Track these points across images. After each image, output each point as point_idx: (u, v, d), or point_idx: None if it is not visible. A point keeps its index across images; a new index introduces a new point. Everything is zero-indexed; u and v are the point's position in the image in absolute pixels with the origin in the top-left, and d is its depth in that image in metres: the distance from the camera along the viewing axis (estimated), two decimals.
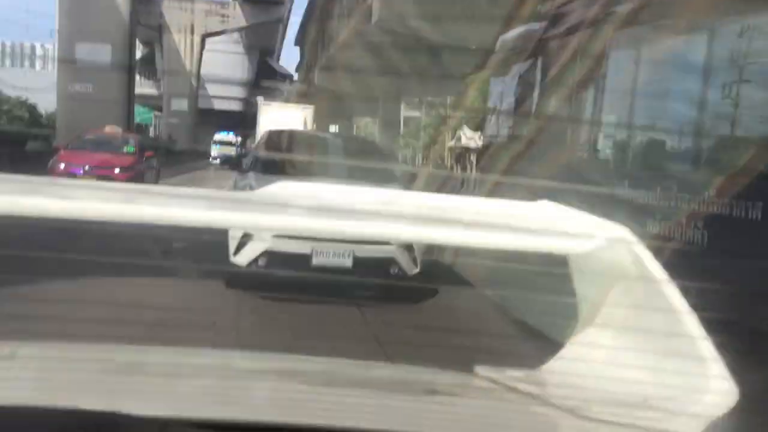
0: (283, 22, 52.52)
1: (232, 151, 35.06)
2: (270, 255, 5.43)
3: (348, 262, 5.50)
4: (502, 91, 11.30)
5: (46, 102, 57.57)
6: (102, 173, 11.86)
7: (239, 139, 45.45)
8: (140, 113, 48.20)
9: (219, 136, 41.26)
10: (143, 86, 51.41)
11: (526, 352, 3.30)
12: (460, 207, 1.41)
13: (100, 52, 22.63)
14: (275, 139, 7.84)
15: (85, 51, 22.74)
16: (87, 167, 12.18)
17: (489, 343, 4.34)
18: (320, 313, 5.18)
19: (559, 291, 1.43)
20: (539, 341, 3.74)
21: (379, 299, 5.68)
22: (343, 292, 5.71)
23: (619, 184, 5.86)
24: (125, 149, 14.00)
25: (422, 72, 30.49)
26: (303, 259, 5.34)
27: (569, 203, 1.32)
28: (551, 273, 1.41)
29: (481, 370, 1.33)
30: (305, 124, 22.75)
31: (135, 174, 12.67)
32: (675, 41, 5.85)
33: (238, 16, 48.93)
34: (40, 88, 62.35)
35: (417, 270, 5.86)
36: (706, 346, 1.05)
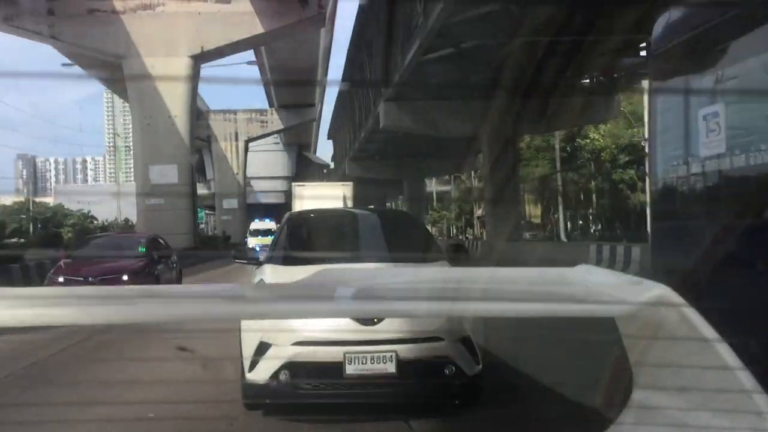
0: (316, 120, 58.82)
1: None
2: (293, 367, 4.53)
3: (391, 367, 4.53)
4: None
5: (104, 212, 63.76)
6: (107, 283, 10.48)
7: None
8: None
9: (256, 224, 35.27)
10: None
11: None
12: (501, 278, 1.40)
13: (168, 172, 28.38)
14: (296, 222, 6.80)
15: (156, 172, 28.52)
16: (89, 278, 10.87)
17: None
18: None
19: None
20: None
21: (433, 409, 4.76)
22: (386, 405, 4.61)
23: None
24: (136, 251, 12.55)
25: (432, 155, 35.58)
26: (334, 369, 4.47)
27: None
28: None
29: None
30: (344, 201, 21.31)
31: (146, 278, 11.39)
32: None
33: (276, 121, 55.44)
34: (96, 201, 68.83)
35: (479, 367, 4.72)
36: (762, 401, 1.04)
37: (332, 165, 68.74)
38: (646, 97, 27.51)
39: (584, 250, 17.57)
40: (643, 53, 19.60)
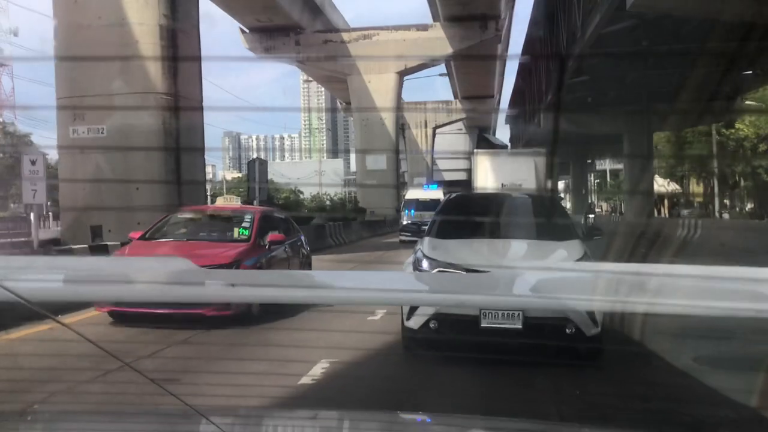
0: (495, 108, 66.09)
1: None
2: (439, 318, 5.40)
3: (518, 324, 5.23)
4: None
5: (307, 188, 73.42)
6: None
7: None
8: None
9: (414, 192, 27.12)
10: None
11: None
12: (681, 273, 1.34)
13: (379, 161, 37.87)
14: (453, 203, 7.94)
15: (371, 160, 38.15)
16: None
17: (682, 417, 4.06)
18: (491, 375, 5.06)
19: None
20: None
21: (554, 362, 5.23)
22: (514, 354, 5.25)
23: None
24: (236, 233, 9.04)
25: (596, 142, 42.00)
26: (472, 322, 5.25)
27: None
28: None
29: None
30: (536, 173, 18.30)
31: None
32: None
33: (459, 109, 63.52)
34: (299, 177, 78.86)
35: (597, 330, 5.27)
36: None
37: (510, 146, 75.03)
38: None
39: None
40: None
